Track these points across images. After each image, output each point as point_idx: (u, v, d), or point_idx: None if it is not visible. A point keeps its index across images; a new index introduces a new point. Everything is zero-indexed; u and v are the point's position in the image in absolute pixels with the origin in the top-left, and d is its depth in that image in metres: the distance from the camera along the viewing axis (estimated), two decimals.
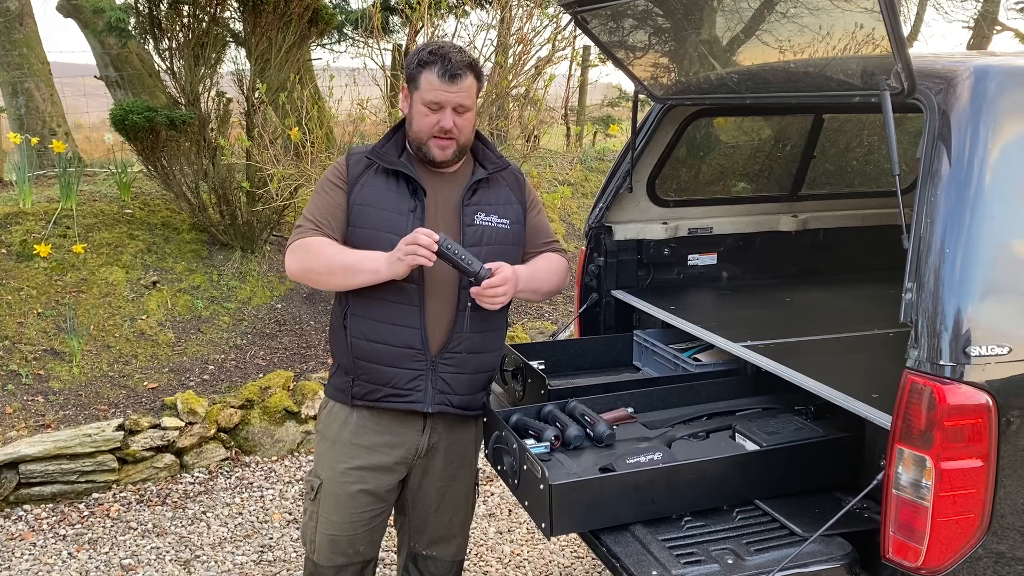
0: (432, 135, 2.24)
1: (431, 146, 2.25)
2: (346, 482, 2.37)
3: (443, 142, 2.25)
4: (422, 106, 2.23)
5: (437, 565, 2.57)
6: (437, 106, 2.21)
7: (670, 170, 3.41)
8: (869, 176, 4.04)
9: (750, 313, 3.08)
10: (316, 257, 2.24)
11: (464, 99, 2.23)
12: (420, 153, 2.29)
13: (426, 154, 2.27)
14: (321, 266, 2.25)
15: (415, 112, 2.26)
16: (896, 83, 1.94)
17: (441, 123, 2.22)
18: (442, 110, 2.22)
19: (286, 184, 5.29)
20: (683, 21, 2.66)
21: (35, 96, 7.45)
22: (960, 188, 1.81)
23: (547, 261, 2.47)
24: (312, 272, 2.28)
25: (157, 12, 5.24)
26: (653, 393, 2.67)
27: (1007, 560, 1.88)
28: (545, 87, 5.91)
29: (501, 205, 2.37)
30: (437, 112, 2.22)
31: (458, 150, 2.28)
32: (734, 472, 2.16)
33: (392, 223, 2.24)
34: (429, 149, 2.26)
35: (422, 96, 2.22)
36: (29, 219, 5.31)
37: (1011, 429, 1.81)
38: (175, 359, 4.84)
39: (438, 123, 2.22)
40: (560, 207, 7.06)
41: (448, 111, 2.22)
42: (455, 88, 2.20)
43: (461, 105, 2.23)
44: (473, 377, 2.36)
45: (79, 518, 3.87)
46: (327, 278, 2.28)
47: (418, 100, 2.24)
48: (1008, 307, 1.83)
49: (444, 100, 2.21)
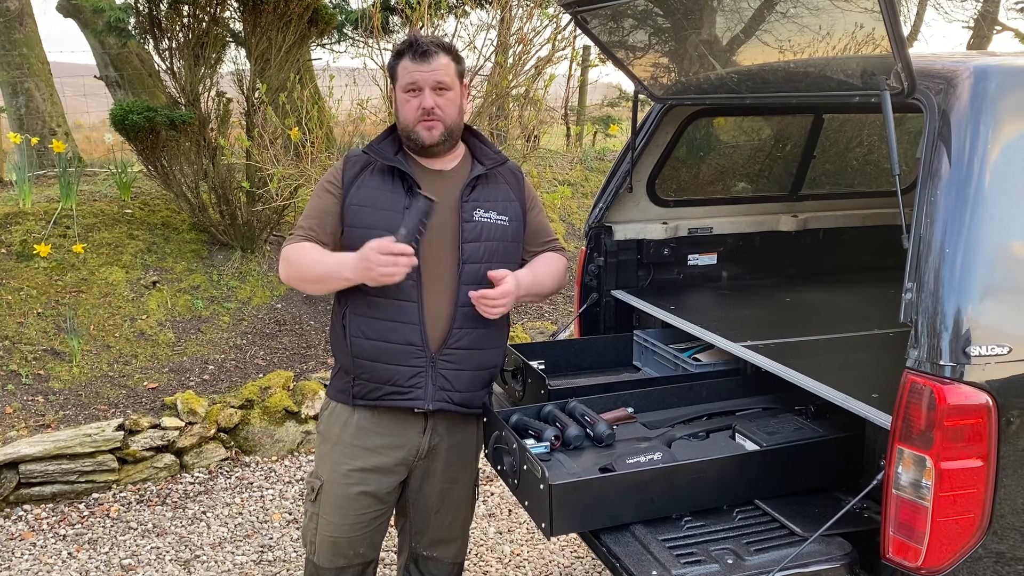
0: (417, 120, 2.25)
1: (419, 131, 2.26)
2: (347, 484, 2.37)
3: (428, 123, 2.25)
4: (403, 94, 2.26)
5: (438, 566, 2.57)
6: (414, 87, 2.23)
7: (670, 170, 3.41)
8: (869, 176, 4.04)
9: (750, 313, 3.08)
10: (298, 267, 2.28)
11: (441, 76, 2.24)
12: (411, 143, 2.29)
13: (415, 140, 2.27)
14: (302, 275, 2.30)
15: (399, 103, 2.28)
16: (896, 83, 1.94)
17: (422, 104, 2.23)
18: (420, 92, 2.23)
19: (286, 184, 5.29)
20: (683, 21, 2.66)
21: (35, 96, 7.45)
22: (960, 188, 1.81)
23: (547, 262, 2.47)
24: (296, 280, 2.34)
25: (157, 12, 5.24)
26: (653, 393, 2.67)
27: (1007, 560, 1.88)
28: (545, 87, 5.91)
29: (500, 202, 2.37)
30: (417, 95, 2.23)
31: (445, 131, 2.28)
32: (734, 472, 2.16)
33: (388, 222, 2.23)
34: (417, 134, 2.26)
35: (400, 83, 2.26)
36: (29, 219, 5.31)
37: (1011, 429, 1.80)
38: (175, 359, 4.84)
39: (420, 105, 2.23)
40: (560, 207, 7.05)
41: (427, 91, 2.23)
42: (428, 67, 2.22)
43: (439, 83, 2.23)
44: (474, 374, 2.36)
45: (79, 518, 3.87)
46: (311, 286, 2.35)
47: (400, 90, 2.27)
48: (1008, 307, 1.83)
49: (419, 79, 2.22)
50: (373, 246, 2.11)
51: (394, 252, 2.10)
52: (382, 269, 2.11)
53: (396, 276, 2.12)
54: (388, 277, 2.12)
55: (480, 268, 2.30)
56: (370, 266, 2.11)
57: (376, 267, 2.10)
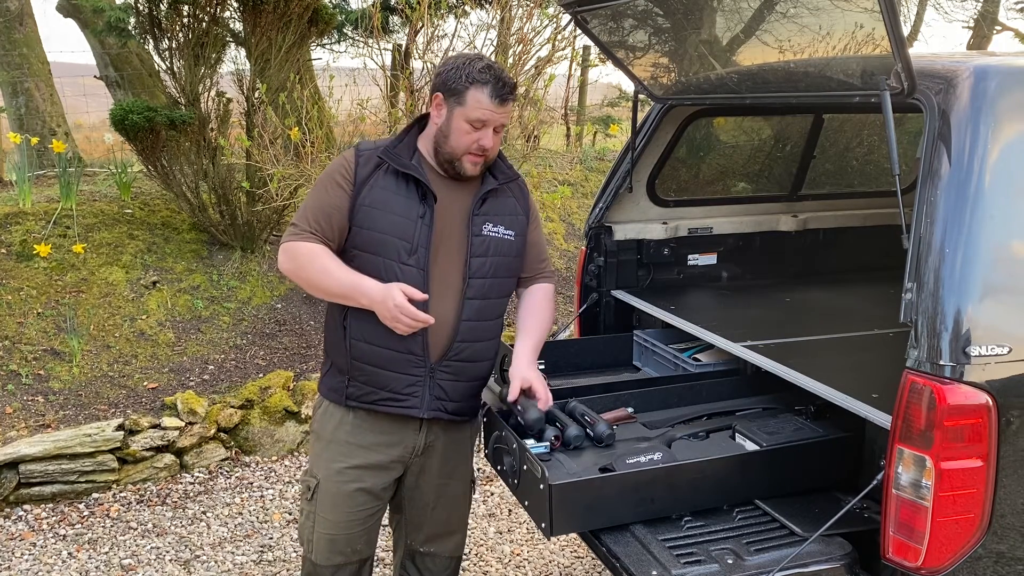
0: (468, 151, 2.23)
1: (464, 162, 2.24)
2: (342, 481, 2.36)
3: (477, 159, 2.24)
4: (465, 123, 2.20)
5: (435, 562, 2.57)
6: (481, 124, 2.20)
7: (670, 170, 3.41)
8: (869, 176, 4.04)
9: (750, 313, 3.08)
10: (308, 272, 2.26)
11: (506, 119, 2.25)
12: (449, 166, 2.27)
13: (458, 169, 2.25)
14: (310, 280, 2.28)
15: (455, 127, 2.22)
16: (896, 83, 1.94)
17: (481, 141, 2.21)
18: (484, 128, 2.21)
19: (286, 184, 5.29)
20: (683, 21, 2.66)
21: (35, 96, 7.45)
22: (960, 188, 1.81)
23: (542, 313, 2.45)
24: (300, 279, 2.32)
25: (157, 12, 5.24)
26: (653, 393, 2.67)
27: (1007, 560, 1.88)
28: (545, 87, 5.91)
29: (507, 216, 2.36)
30: (479, 130, 2.21)
31: (485, 165, 2.29)
32: (734, 472, 2.16)
33: (401, 228, 2.22)
34: (462, 165, 2.25)
35: (467, 113, 2.20)
36: (29, 219, 5.31)
37: (1011, 429, 1.81)
38: (175, 359, 4.84)
39: (478, 141, 2.21)
40: (560, 207, 7.05)
41: (490, 130, 2.22)
42: (503, 110, 2.21)
43: (502, 125, 2.25)
44: (469, 385, 2.36)
45: (79, 518, 3.87)
46: (314, 291, 2.32)
47: (461, 116, 2.21)
48: (1008, 307, 1.83)
49: (490, 120, 2.20)
50: (399, 303, 2.12)
51: (418, 319, 2.13)
52: (398, 326, 2.15)
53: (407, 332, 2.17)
54: (401, 329, 2.16)
55: (485, 283, 2.30)
56: (394, 315, 2.13)
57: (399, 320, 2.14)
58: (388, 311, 2.14)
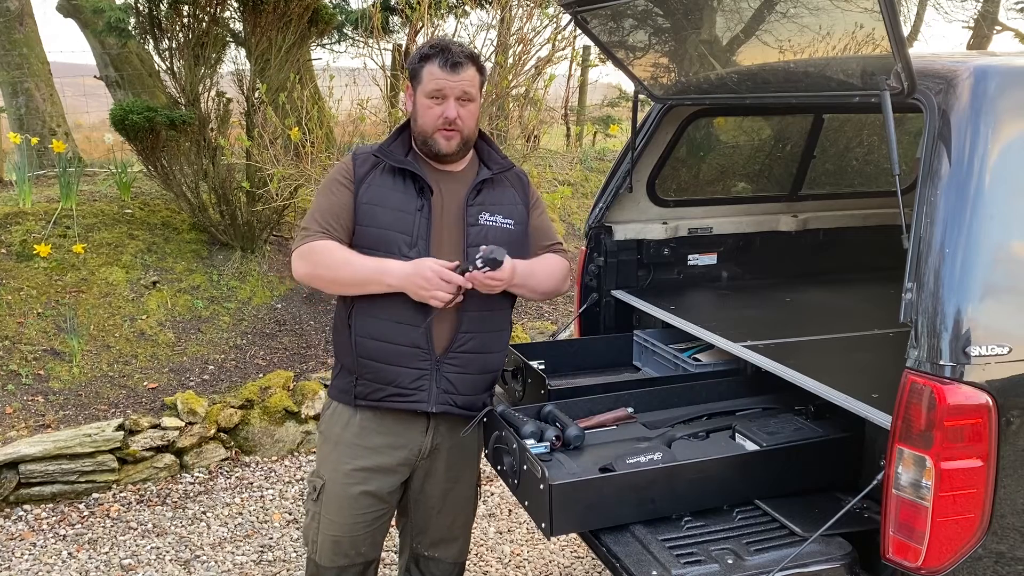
0: (437, 127, 2.24)
1: (437, 138, 2.26)
2: (348, 483, 2.37)
3: (448, 132, 2.25)
4: (425, 99, 2.24)
5: (439, 566, 2.57)
6: (440, 95, 2.22)
7: (670, 170, 3.41)
8: (869, 176, 4.04)
9: (750, 313, 3.08)
10: (327, 267, 2.25)
11: (467, 87, 2.24)
12: (426, 147, 2.29)
13: (432, 147, 2.27)
14: (332, 275, 2.26)
15: (419, 107, 2.26)
16: (896, 83, 1.94)
17: (445, 113, 2.22)
18: (445, 100, 2.22)
19: (286, 184, 5.29)
20: (683, 21, 2.66)
21: (35, 96, 7.45)
22: (960, 188, 1.81)
23: (547, 262, 2.46)
24: (321, 278, 2.30)
25: (157, 12, 5.24)
26: (653, 393, 2.67)
27: (1007, 560, 1.88)
28: (545, 87, 5.91)
29: (505, 205, 2.37)
30: (441, 103, 2.23)
31: (462, 142, 2.28)
32: (734, 472, 2.16)
33: (400, 222, 2.24)
34: (435, 141, 2.26)
35: (424, 88, 2.23)
36: (29, 219, 5.31)
37: (1011, 429, 1.81)
38: (175, 359, 4.84)
39: (442, 114, 2.23)
40: (560, 207, 7.06)
41: (451, 101, 2.23)
42: (457, 77, 2.21)
43: (465, 93, 2.24)
44: (477, 377, 2.36)
45: (79, 518, 3.87)
46: (338, 286, 2.30)
47: (421, 93, 2.25)
48: (1008, 307, 1.83)
49: (446, 88, 2.22)
50: (435, 269, 2.13)
51: (455, 282, 2.13)
52: (438, 293, 2.14)
53: (442, 303, 2.16)
54: (436, 301, 2.15)
55: None
56: (426, 286, 2.14)
57: (433, 289, 2.14)
58: (424, 280, 2.14)
